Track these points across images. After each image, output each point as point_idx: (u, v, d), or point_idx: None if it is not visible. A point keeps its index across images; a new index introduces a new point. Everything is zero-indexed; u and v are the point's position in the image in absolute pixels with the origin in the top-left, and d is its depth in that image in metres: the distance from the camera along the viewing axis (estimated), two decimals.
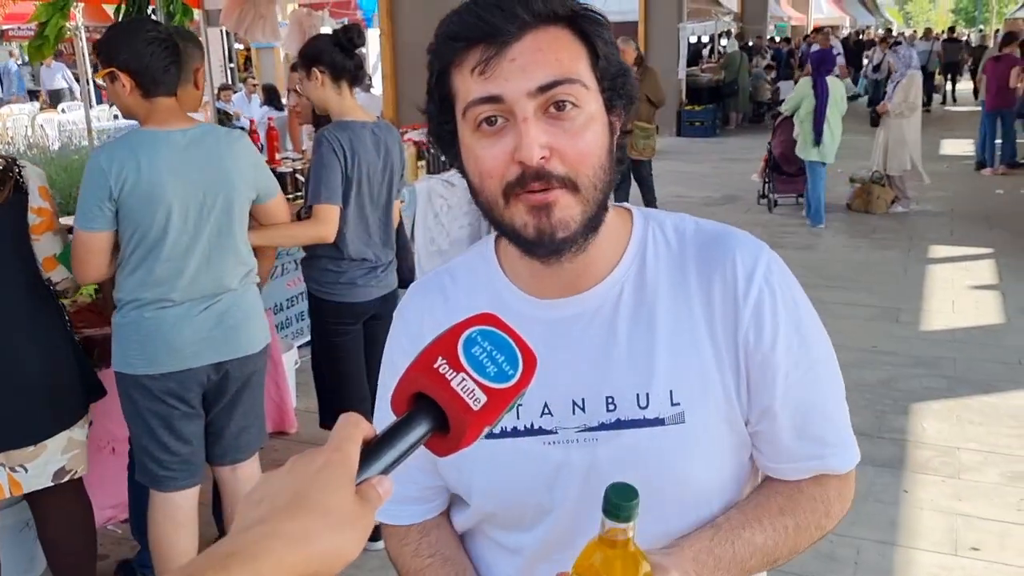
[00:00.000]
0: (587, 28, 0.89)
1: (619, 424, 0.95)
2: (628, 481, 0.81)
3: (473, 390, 0.68)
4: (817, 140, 7.83)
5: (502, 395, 0.69)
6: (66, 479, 2.52)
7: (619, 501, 0.78)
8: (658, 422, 0.95)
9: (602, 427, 0.96)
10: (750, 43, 17.30)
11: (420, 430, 0.68)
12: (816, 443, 1.01)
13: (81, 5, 6.87)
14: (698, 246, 1.00)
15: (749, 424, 1.00)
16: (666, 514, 0.97)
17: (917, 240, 7.52)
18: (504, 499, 1.01)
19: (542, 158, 0.85)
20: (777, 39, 20.85)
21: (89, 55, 12.74)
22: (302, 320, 5.02)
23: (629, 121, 0.96)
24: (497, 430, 0.96)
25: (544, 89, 0.85)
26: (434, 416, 0.68)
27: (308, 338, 3.78)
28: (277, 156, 5.53)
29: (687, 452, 0.96)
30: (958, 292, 6.07)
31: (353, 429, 0.65)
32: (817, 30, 16.73)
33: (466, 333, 0.71)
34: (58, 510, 2.61)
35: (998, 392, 4.38)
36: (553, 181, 0.87)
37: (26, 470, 2.43)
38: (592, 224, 0.91)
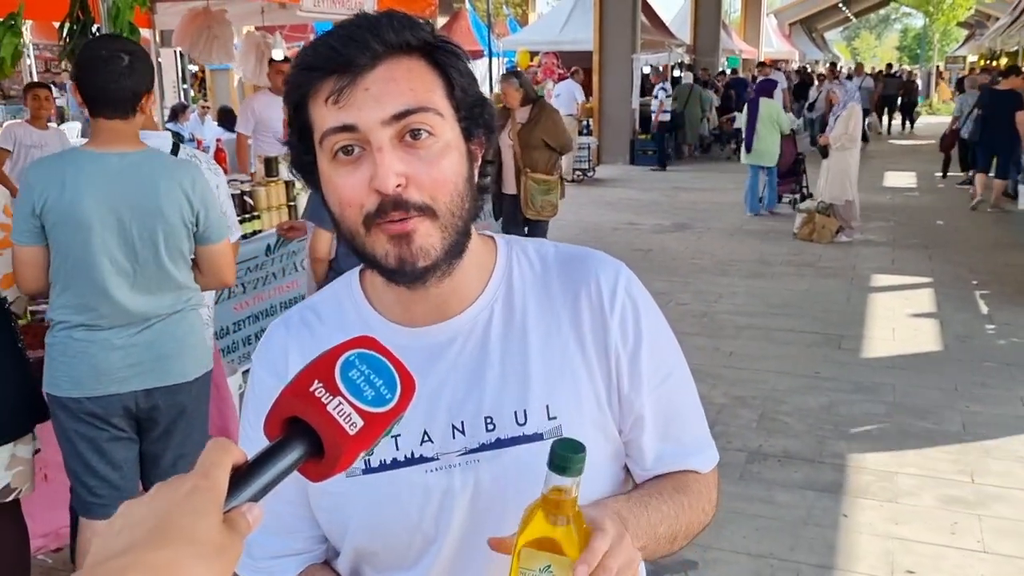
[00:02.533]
0: (441, 59, 0.91)
1: (499, 443, 0.96)
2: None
3: (350, 414, 0.66)
4: (748, 148, 9.93)
5: (379, 419, 0.68)
6: (11, 498, 2.46)
7: (566, 453, 0.76)
8: (537, 437, 0.96)
9: (483, 448, 0.96)
10: (697, 74, 17.59)
11: (293, 455, 0.65)
12: (678, 445, 1.06)
13: (30, 23, 6.79)
14: (560, 267, 1.04)
15: (623, 433, 1.03)
16: None
17: (860, 269, 7.70)
18: (386, 534, 0.99)
19: (398, 186, 0.86)
20: (728, 72, 21.28)
21: (38, 73, 12.47)
22: (248, 344, 4.96)
23: (490, 151, 0.98)
24: (376, 463, 0.96)
25: (398, 117, 0.86)
26: (309, 441, 0.66)
27: None
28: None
29: None
30: (898, 320, 6.22)
31: (222, 454, 0.61)
32: (761, 64, 17.14)
33: (344, 356, 0.69)
34: None
35: (935, 418, 4.49)
36: (411, 209, 0.87)
37: None
38: (454, 250, 0.92)
